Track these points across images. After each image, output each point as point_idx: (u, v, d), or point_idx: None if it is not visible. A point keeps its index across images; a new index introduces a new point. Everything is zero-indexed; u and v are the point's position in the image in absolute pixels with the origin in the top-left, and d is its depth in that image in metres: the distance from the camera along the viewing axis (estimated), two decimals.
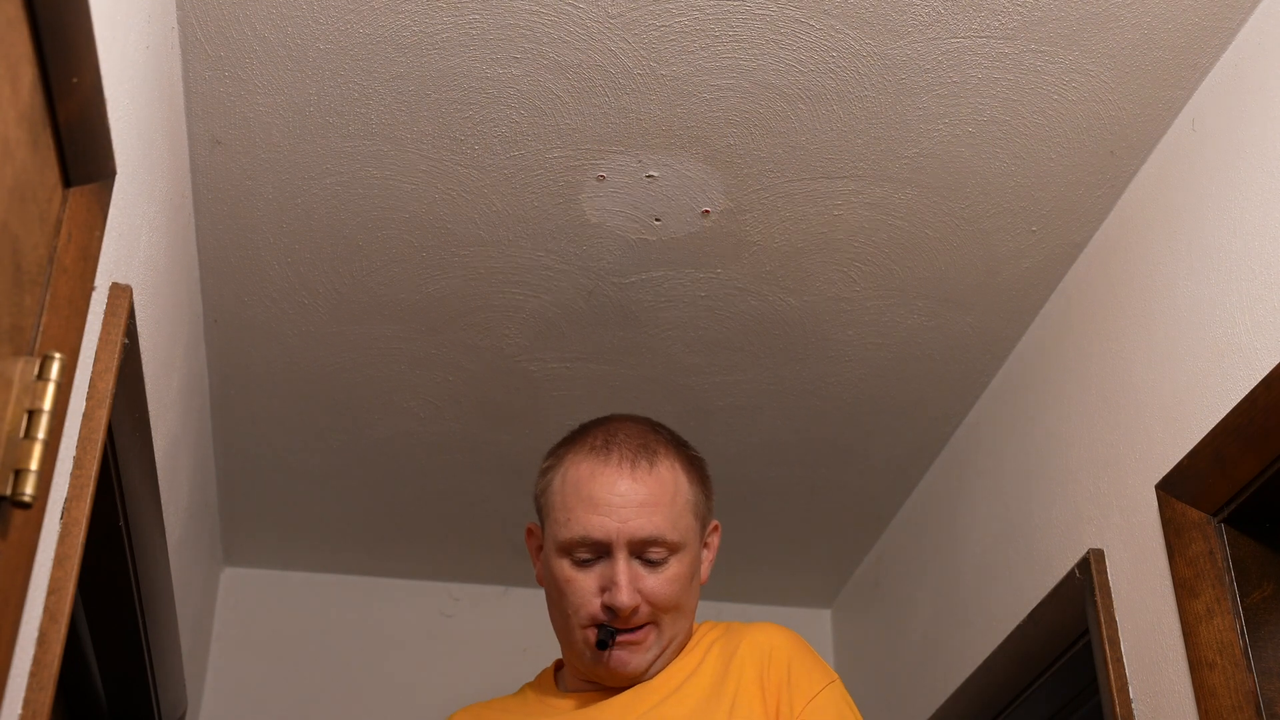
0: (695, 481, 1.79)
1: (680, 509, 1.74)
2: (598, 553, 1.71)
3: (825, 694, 1.69)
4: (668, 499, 1.73)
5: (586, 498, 1.72)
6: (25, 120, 1.05)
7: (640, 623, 1.71)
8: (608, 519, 1.70)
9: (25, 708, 1.26)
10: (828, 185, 2.03)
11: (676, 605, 1.72)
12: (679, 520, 1.73)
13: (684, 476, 1.77)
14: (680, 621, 1.74)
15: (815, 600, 3.27)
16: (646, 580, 1.70)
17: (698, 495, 1.79)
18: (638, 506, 1.71)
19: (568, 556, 1.73)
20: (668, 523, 1.71)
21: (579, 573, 1.72)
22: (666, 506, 1.72)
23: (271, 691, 3.01)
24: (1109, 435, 2.05)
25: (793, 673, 1.71)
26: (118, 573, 1.82)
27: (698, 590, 1.79)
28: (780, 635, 1.76)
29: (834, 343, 2.37)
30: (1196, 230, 1.86)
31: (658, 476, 1.74)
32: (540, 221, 2.10)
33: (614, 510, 1.70)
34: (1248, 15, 1.76)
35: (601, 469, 1.73)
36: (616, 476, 1.72)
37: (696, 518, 1.77)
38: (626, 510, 1.70)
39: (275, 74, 1.83)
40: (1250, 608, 1.71)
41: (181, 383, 2.13)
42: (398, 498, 2.84)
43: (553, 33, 1.78)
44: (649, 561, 1.71)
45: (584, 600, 1.71)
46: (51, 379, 1.06)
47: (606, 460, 1.74)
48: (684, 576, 1.73)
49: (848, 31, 1.78)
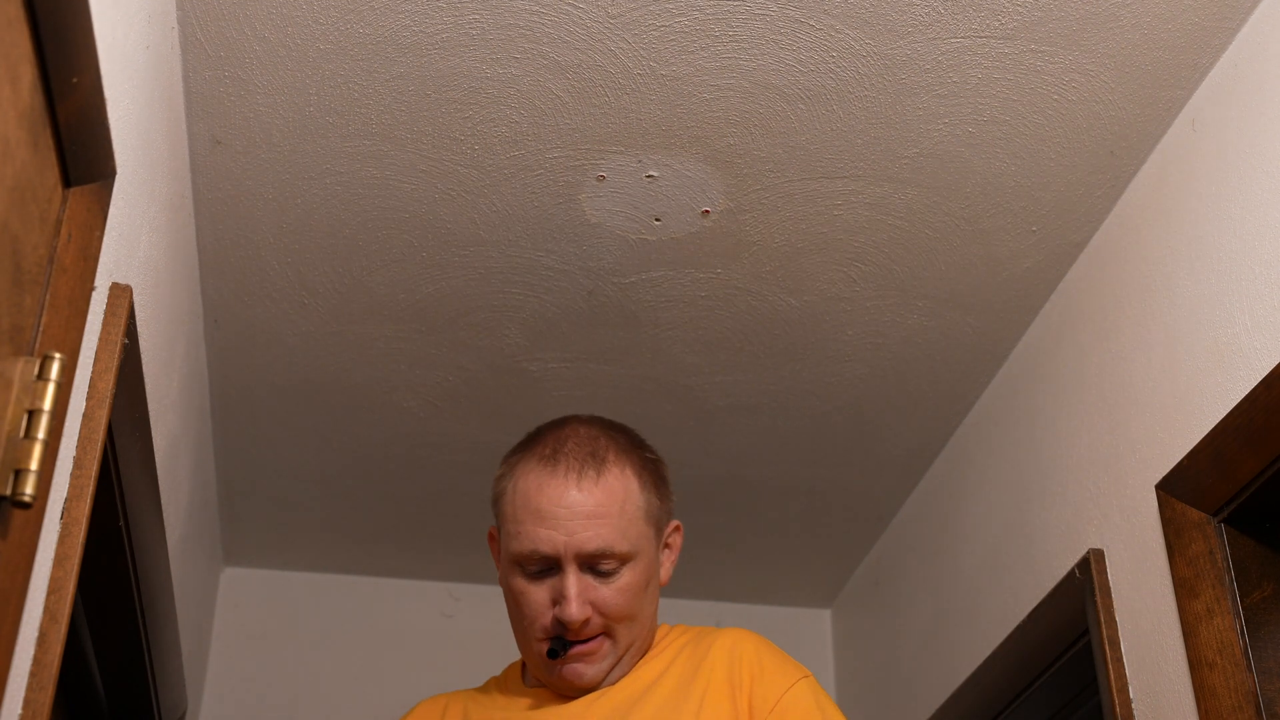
0: (648, 486, 1.77)
1: (630, 517, 1.72)
2: (548, 565, 1.70)
3: (798, 688, 1.68)
4: (616, 509, 1.70)
5: (534, 511, 1.70)
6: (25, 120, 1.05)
7: (593, 633, 1.70)
8: (555, 532, 1.68)
9: (25, 708, 1.26)
10: (828, 185, 2.03)
11: (629, 615, 1.70)
12: (629, 529, 1.71)
13: (635, 482, 1.74)
14: (636, 629, 1.73)
15: (815, 600, 3.27)
16: (598, 591, 1.69)
17: (650, 500, 1.76)
18: (585, 519, 1.69)
19: (519, 569, 1.72)
20: (616, 533, 1.69)
21: (531, 585, 1.71)
22: (616, 517, 1.70)
23: (271, 691, 3.01)
24: (1109, 435, 2.05)
25: (764, 670, 1.70)
26: (118, 573, 1.82)
27: (655, 595, 1.77)
28: (748, 637, 1.76)
29: (834, 343, 2.37)
30: (1196, 230, 1.86)
31: (606, 486, 1.71)
32: (540, 221, 2.10)
33: (561, 524, 1.68)
34: (1248, 15, 1.76)
35: (549, 480, 1.71)
36: (563, 488, 1.70)
37: (650, 523, 1.75)
38: (574, 523, 1.68)
39: (275, 74, 1.83)
40: (1250, 608, 1.71)
41: (181, 383, 2.13)
42: (398, 498, 2.84)
43: (553, 33, 1.77)
44: (600, 573, 1.69)
45: (537, 612, 1.71)
46: (51, 379, 1.06)
47: (554, 471, 1.72)
48: (637, 585, 1.71)
49: (848, 31, 1.77)
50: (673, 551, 1.82)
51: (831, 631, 3.27)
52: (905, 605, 2.83)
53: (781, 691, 1.67)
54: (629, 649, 1.73)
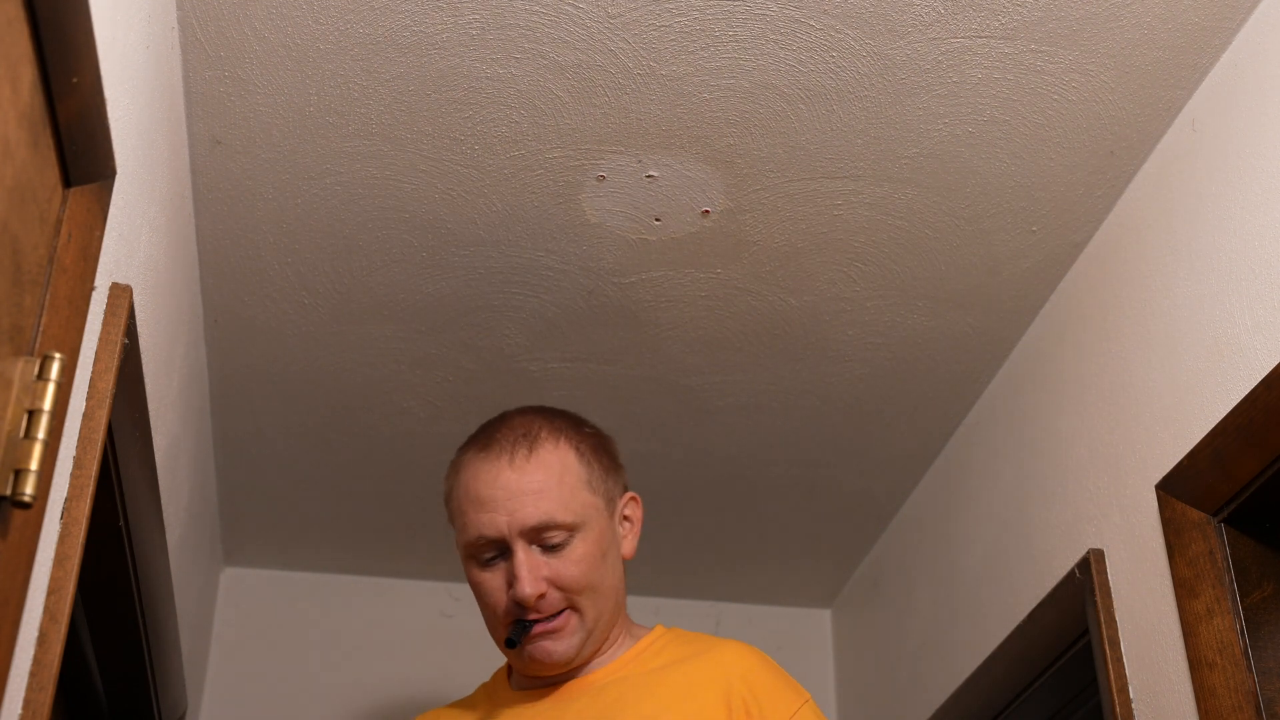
0: (588, 458, 1.78)
1: (571, 487, 1.74)
2: (498, 549, 1.72)
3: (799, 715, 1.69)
4: (554, 481, 1.73)
5: (474, 498, 1.73)
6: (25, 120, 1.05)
7: (555, 609, 1.71)
8: (496, 514, 1.71)
9: (25, 708, 1.26)
10: (828, 185, 2.03)
11: (589, 585, 1.71)
12: (570, 500, 1.73)
13: (571, 455, 1.77)
14: (601, 601, 1.74)
15: (815, 600, 3.27)
16: (551, 566, 1.71)
17: (592, 471, 1.77)
18: (523, 495, 1.71)
19: (474, 560, 1.75)
20: (557, 504, 1.71)
21: (486, 573, 1.74)
22: (555, 489, 1.72)
23: (271, 691, 3.01)
24: (1109, 435, 2.05)
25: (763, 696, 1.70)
26: (118, 573, 1.82)
27: (617, 567, 1.78)
28: (750, 655, 1.76)
29: (834, 343, 2.37)
30: (1196, 230, 1.86)
31: (539, 461, 1.74)
32: (540, 221, 2.10)
33: (500, 504, 1.71)
34: (1248, 15, 1.76)
35: (483, 466, 1.75)
36: (497, 470, 1.74)
37: (595, 493, 1.77)
38: (512, 502, 1.71)
39: (275, 74, 1.83)
40: (1250, 608, 1.71)
41: (181, 383, 2.13)
42: (398, 498, 2.84)
43: (553, 33, 1.77)
44: (549, 547, 1.71)
45: (496, 599, 1.72)
46: (51, 379, 1.06)
47: (487, 456, 1.75)
48: (591, 555, 1.72)
49: (848, 31, 1.78)
50: (634, 524, 1.83)
51: (831, 631, 3.27)
52: (905, 605, 2.83)
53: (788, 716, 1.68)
54: (598, 622, 1.74)
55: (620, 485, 1.84)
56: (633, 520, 1.84)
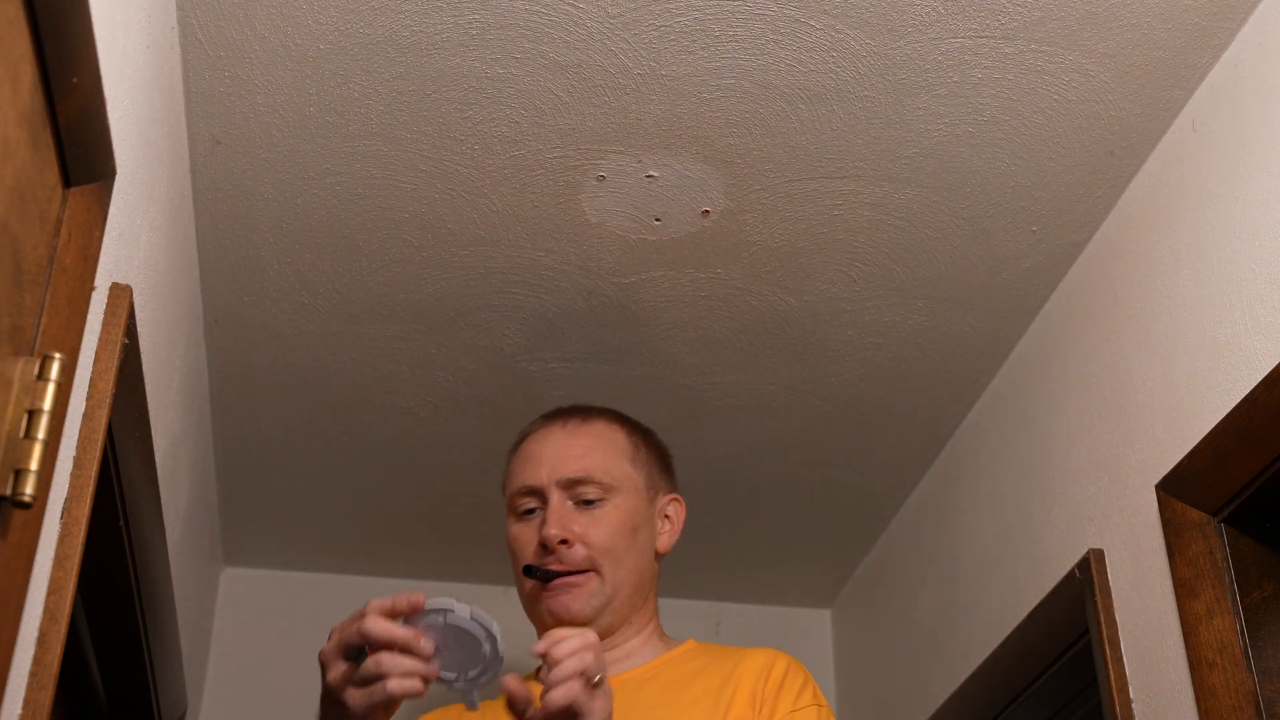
0: (636, 440, 1.89)
1: (614, 457, 1.84)
2: (537, 501, 1.81)
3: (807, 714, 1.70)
4: (600, 447, 1.84)
5: (524, 455, 1.86)
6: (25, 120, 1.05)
7: (578, 565, 1.77)
8: (540, 467, 1.82)
9: (25, 708, 1.26)
10: (828, 185, 2.03)
11: (613, 550, 1.78)
12: (611, 466, 1.83)
13: (621, 433, 1.88)
14: (623, 572, 1.79)
15: (815, 600, 3.27)
16: (580, 521, 1.79)
17: (637, 451, 1.87)
18: (568, 451, 1.83)
19: (513, 514, 1.84)
20: (598, 466, 1.81)
21: (521, 524, 1.83)
22: (599, 453, 1.83)
23: (271, 691, 3.00)
24: (1109, 435, 2.05)
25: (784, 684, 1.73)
26: (118, 573, 1.82)
27: (647, 550, 1.84)
28: (782, 657, 1.80)
29: (834, 343, 2.37)
30: (1196, 230, 1.86)
31: (590, 429, 1.86)
32: (540, 221, 2.10)
33: (545, 459, 1.82)
34: (1248, 15, 1.76)
35: (540, 430, 1.90)
36: (549, 431, 1.88)
37: (637, 470, 1.86)
38: (556, 457, 1.83)
39: (275, 74, 1.83)
40: (1250, 608, 1.71)
41: (181, 383, 2.13)
42: (398, 498, 2.84)
43: (553, 33, 1.77)
44: (583, 503, 1.80)
45: (525, 550, 1.80)
46: (51, 379, 1.06)
47: (545, 423, 1.90)
48: (621, 523, 1.80)
49: (848, 31, 1.77)
50: (673, 523, 1.90)
51: (831, 631, 3.27)
52: (905, 605, 2.83)
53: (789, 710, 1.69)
54: (617, 592, 1.78)
55: (667, 483, 1.93)
56: (673, 520, 1.91)
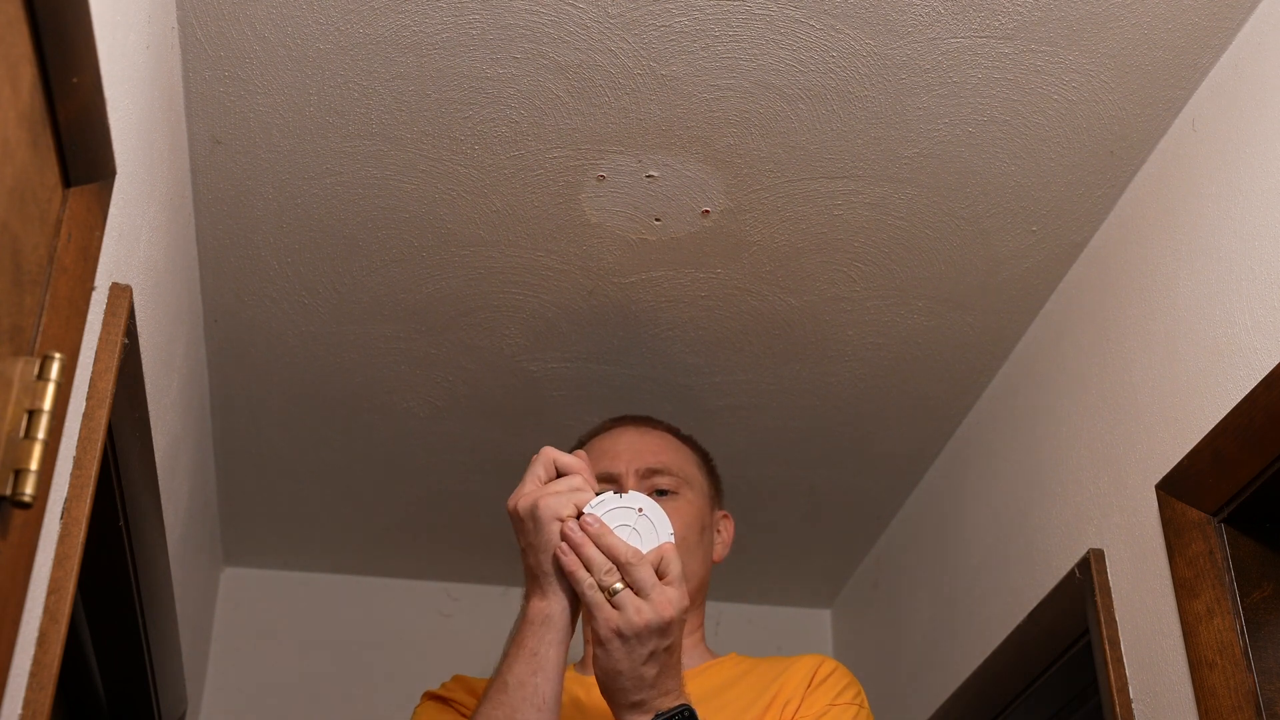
0: (701, 453, 1.98)
1: (686, 458, 1.94)
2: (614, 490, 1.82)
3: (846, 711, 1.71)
4: (673, 447, 1.94)
5: (600, 452, 1.92)
6: (25, 120, 1.05)
7: None
8: (617, 459, 1.89)
9: (25, 708, 1.26)
10: (828, 185, 2.03)
11: (686, 539, 1.80)
12: (685, 464, 1.92)
13: (686, 444, 1.97)
14: (692, 565, 1.80)
15: (815, 600, 3.27)
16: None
17: (702, 462, 1.96)
18: (645, 446, 1.91)
19: None
20: (674, 461, 1.90)
21: None
22: (673, 451, 1.93)
23: (271, 691, 3.01)
24: (1109, 435, 2.05)
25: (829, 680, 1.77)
26: (118, 573, 1.82)
27: (708, 553, 1.89)
28: (828, 660, 1.83)
29: (834, 343, 2.37)
30: (1196, 230, 1.86)
31: (661, 434, 1.96)
32: (540, 221, 2.10)
33: (621, 452, 1.90)
34: (1248, 15, 1.76)
35: (610, 431, 1.97)
36: (621, 430, 1.95)
37: (704, 476, 1.94)
38: (633, 449, 1.90)
39: (275, 74, 1.83)
40: (1250, 608, 1.71)
41: (181, 383, 2.13)
42: (398, 498, 2.84)
43: (553, 33, 1.77)
44: (661, 491, 1.85)
45: None
46: (51, 379, 1.06)
47: (614, 425, 1.98)
48: (694, 516, 1.85)
49: (848, 31, 1.77)
50: (724, 538, 1.96)
51: (831, 631, 3.27)
52: (905, 605, 2.83)
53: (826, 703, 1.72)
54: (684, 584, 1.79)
55: (720, 498, 1.99)
56: (723, 535, 1.96)
